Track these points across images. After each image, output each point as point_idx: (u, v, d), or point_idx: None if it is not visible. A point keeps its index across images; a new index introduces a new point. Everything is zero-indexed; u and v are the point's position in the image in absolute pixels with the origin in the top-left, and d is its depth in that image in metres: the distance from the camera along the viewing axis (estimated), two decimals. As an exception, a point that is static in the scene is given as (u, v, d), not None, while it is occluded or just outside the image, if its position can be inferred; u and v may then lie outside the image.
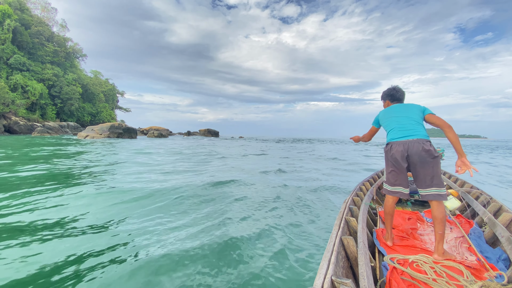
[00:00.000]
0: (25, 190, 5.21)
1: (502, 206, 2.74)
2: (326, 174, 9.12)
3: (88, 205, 4.48)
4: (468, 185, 3.82)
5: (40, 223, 3.54)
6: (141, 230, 3.41)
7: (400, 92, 2.44)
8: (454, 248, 2.15)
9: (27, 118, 42.84)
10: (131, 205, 4.56)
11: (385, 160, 2.30)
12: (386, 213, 2.30)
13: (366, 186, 4.08)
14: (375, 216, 3.13)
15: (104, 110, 66.91)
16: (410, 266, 1.81)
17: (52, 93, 51.47)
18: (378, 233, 2.38)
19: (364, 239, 1.96)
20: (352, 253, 1.84)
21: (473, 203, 3.06)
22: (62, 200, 4.71)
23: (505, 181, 8.67)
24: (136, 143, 25.96)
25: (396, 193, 2.23)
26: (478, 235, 2.32)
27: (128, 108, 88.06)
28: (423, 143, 2.04)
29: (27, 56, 48.44)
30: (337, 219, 2.30)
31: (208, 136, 75.21)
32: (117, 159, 11.68)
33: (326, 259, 1.55)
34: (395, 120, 2.27)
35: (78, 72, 61.79)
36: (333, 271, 1.43)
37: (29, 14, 51.74)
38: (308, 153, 20.03)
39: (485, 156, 21.03)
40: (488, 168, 12.39)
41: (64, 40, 58.88)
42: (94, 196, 5.08)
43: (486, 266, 1.80)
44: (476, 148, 38.02)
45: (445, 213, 2.01)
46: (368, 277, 1.45)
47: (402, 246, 2.20)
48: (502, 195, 6.58)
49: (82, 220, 3.74)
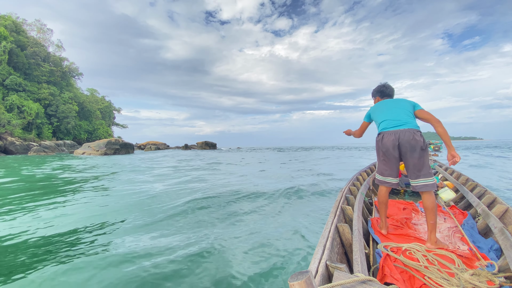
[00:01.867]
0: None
1: (496, 198, 2.77)
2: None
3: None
4: (464, 177, 3.88)
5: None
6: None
7: (390, 89, 2.51)
8: (447, 238, 2.17)
9: (23, 138, 42.60)
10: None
11: (376, 150, 2.34)
12: (380, 202, 2.33)
13: (363, 176, 4.17)
14: (371, 206, 3.19)
15: (100, 127, 66.92)
16: (403, 254, 1.83)
17: (48, 112, 51.55)
18: (373, 222, 2.43)
19: (359, 227, 1.99)
20: (347, 240, 1.88)
21: (468, 194, 3.10)
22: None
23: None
24: (134, 156, 26.13)
25: (385, 183, 2.27)
26: (471, 226, 2.36)
27: (125, 125, 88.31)
28: (414, 132, 2.09)
29: (23, 77, 48.76)
30: (333, 207, 2.34)
31: (206, 148, 75.16)
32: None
33: (321, 244, 1.57)
34: (386, 111, 2.32)
35: (74, 90, 62.12)
36: (328, 256, 1.45)
37: (25, 36, 52.50)
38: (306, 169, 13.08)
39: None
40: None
41: (60, 59, 59.52)
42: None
43: (477, 255, 1.82)
44: (476, 148, 38.01)
45: (435, 203, 2.04)
46: (362, 263, 1.47)
47: (396, 235, 2.23)
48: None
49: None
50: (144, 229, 3.73)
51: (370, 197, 3.46)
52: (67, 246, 3.19)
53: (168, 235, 3.47)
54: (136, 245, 3.13)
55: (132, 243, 3.21)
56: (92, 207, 5.13)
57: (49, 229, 3.80)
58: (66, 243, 3.29)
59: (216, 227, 3.74)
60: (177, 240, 3.25)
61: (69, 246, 3.19)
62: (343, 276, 1.24)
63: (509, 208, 2.31)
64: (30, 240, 3.41)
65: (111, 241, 3.31)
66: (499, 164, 13.56)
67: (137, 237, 3.43)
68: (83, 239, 3.43)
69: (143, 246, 3.10)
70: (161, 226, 3.83)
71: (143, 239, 3.35)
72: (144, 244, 3.17)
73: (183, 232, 3.56)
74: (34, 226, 3.92)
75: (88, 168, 14.25)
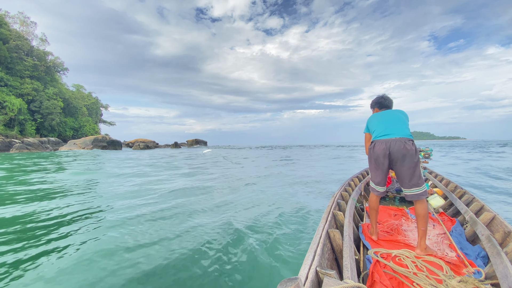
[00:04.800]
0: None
1: (483, 205, 2.82)
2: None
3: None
4: (453, 185, 3.94)
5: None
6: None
7: (388, 100, 2.54)
8: (435, 244, 2.21)
9: (5, 134, 40.82)
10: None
11: (368, 158, 2.37)
12: (371, 208, 2.36)
13: (354, 181, 4.17)
14: (362, 211, 3.21)
15: (87, 124, 64.98)
16: (393, 260, 1.86)
17: (31, 108, 49.52)
18: (364, 227, 2.45)
19: (350, 233, 2.00)
20: (338, 245, 1.88)
21: (456, 202, 3.16)
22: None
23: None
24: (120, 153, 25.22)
25: (375, 191, 2.32)
26: (459, 233, 2.40)
27: (113, 122, 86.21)
28: (405, 141, 2.10)
29: (5, 71, 46.57)
30: (325, 213, 2.34)
31: (196, 146, 74.38)
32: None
33: (312, 250, 1.58)
34: (380, 121, 2.35)
35: (59, 86, 59.91)
36: (318, 262, 1.46)
37: (7, 29, 50.10)
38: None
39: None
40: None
41: (44, 54, 57.25)
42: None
43: (465, 262, 1.86)
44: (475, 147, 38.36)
45: (427, 211, 2.08)
46: (352, 269, 1.49)
47: (387, 240, 2.26)
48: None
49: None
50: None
51: (362, 202, 3.47)
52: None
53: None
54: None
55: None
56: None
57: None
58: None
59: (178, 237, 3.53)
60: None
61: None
62: (333, 282, 1.25)
63: (496, 216, 2.36)
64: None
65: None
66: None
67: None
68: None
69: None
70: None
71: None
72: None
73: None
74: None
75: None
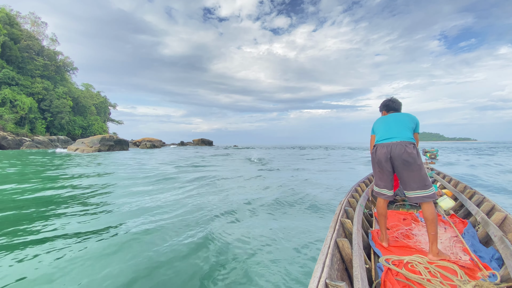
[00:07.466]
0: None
1: (495, 205, 2.74)
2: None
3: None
4: (462, 185, 3.83)
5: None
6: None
7: (396, 103, 2.49)
8: (448, 248, 2.14)
9: (16, 133, 41.87)
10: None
11: (371, 162, 2.34)
12: (379, 214, 2.31)
13: (361, 187, 4.04)
14: (371, 218, 3.10)
15: (95, 123, 66.11)
16: (405, 267, 1.80)
17: (42, 107, 50.72)
18: (374, 234, 2.38)
19: (359, 241, 1.94)
20: (347, 255, 1.82)
21: (467, 202, 3.07)
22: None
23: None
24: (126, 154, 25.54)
25: (381, 195, 2.27)
26: (471, 235, 2.33)
27: (121, 121, 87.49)
28: (405, 145, 2.07)
29: (16, 71, 47.82)
30: (332, 221, 2.27)
31: (202, 145, 74.83)
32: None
33: (321, 261, 1.53)
34: (384, 125, 2.33)
35: (68, 85, 61.20)
36: (327, 274, 1.41)
37: (18, 29, 51.46)
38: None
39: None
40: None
41: (54, 53, 58.53)
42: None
43: (479, 265, 1.80)
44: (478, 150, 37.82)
45: (435, 214, 2.01)
46: (363, 279, 1.44)
47: (398, 247, 2.19)
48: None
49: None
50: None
51: (370, 208, 3.35)
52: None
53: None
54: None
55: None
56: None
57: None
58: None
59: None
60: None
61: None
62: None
63: (507, 216, 2.29)
64: None
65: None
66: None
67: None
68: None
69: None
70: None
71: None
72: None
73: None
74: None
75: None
